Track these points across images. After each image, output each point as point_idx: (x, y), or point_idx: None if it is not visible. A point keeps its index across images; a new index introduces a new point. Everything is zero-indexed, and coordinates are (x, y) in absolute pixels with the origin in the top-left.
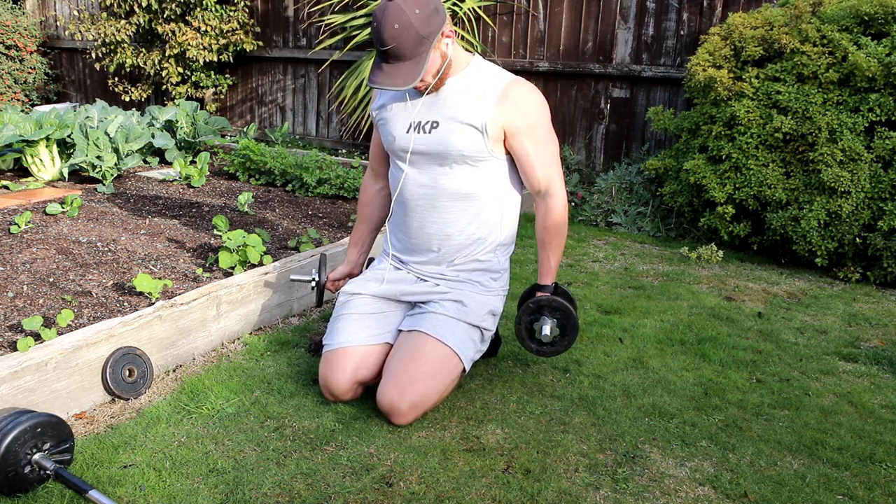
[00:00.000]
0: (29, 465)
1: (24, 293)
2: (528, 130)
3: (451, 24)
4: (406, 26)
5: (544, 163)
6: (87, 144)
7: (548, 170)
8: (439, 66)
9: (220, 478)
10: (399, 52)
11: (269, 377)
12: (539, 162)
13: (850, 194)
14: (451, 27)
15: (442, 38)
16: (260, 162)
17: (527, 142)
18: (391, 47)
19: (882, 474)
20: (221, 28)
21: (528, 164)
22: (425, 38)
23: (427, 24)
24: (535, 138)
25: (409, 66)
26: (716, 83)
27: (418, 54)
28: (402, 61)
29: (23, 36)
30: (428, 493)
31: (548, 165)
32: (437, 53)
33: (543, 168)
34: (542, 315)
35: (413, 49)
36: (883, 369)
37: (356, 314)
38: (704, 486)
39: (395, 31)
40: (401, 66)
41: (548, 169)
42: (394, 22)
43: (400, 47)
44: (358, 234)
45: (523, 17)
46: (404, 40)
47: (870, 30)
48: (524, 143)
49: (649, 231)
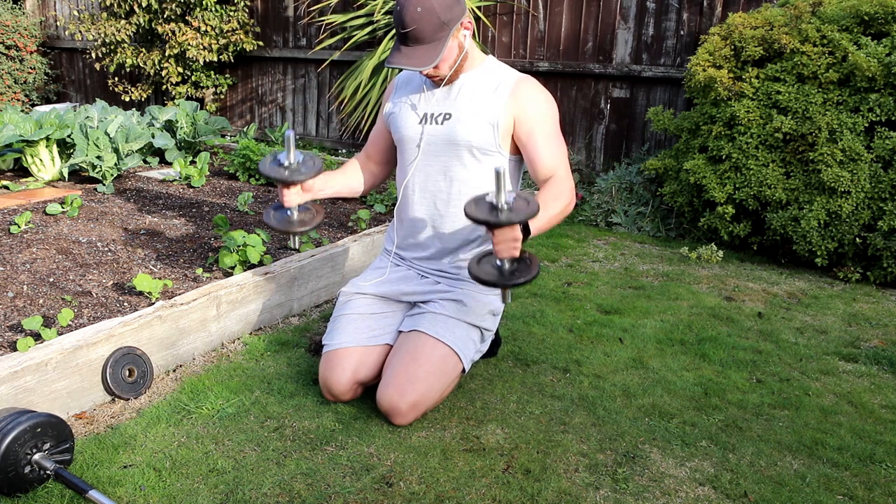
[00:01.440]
0: (29, 465)
1: (24, 293)
2: (537, 119)
3: (470, 17)
4: (428, 10)
5: (551, 153)
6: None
7: (554, 159)
8: (456, 56)
9: (220, 478)
10: (419, 34)
11: (269, 377)
12: (546, 150)
13: (850, 194)
14: (471, 20)
15: (461, 28)
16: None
17: (535, 128)
18: (412, 29)
19: (882, 474)
20: (221, 28)
21: (535, 152)
22: (446, 24)
23: (449, 11)
24: (544, 128)
25: (427, 50)
26: (716, 83)
27: (437, 39)
28: (421, 44)
29: (23, 36)
30: (428, 493)
31: (555, 156)
32: (454, 42)
33: (550, 157)
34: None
35: (433, 33)
36: (883, 369)
37: (356, 314)
38: (704, 486)
39: (418, 13)
40: (419, 48)
41: (554, 159)
42: (417, 5)
43: (420, 30)
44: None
45: (523, 17)
46: (425, 23)
47: (870, 30)
48: (532, 129)
49: (649, 231)
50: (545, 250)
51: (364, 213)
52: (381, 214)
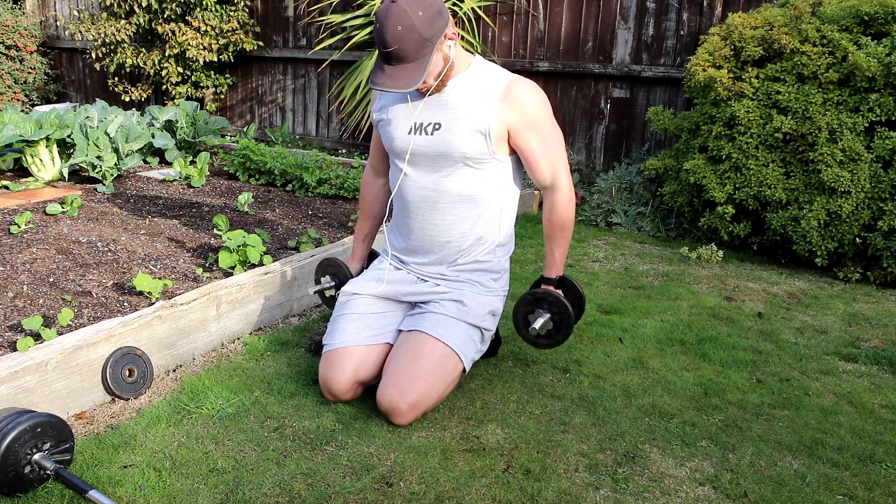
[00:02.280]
0: (29, 465)
1: (24, 293)
2: (532, 126)
3: (453, 27)
4: (409, 29)
5: (549, 157)
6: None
7: (553, 164)
8: (441, 68)
9: (220, 478)
10: (402, 54)
11: (269, 377)
12: (544, 157)
13: (850, 194)
14: (454, 29)
15: (445, 40)
16: (260, 162)
17: (531, 137)
18: (394, 49)
19: (882, 474)
20: (221, 28)
21: (533, 160)
22: (428, 40)
23: (430, 27)
24: (539, 133)
25: (412, 69)
26: (716, 83)
27: (421, 56)
28: (405, 63)
29: (23, 36)
30: (428, 493)
31: (553, 159)
32: (439, 56)
33: (548, 163)
34: (539, 308)
35: (416, 51)
36: (883, 369)
37: (356, 314)
38: (704, 486)
39: (398, 32)
40: (403, 68)
41: (553, 163)
42: (397, 24)
43: (403, 49)
44: (364, 230)
45: (523, 17)
46: (407, 43)
47: (870, 30)
48: (528, 139)
49: (649, 231)
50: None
51: None
52: None
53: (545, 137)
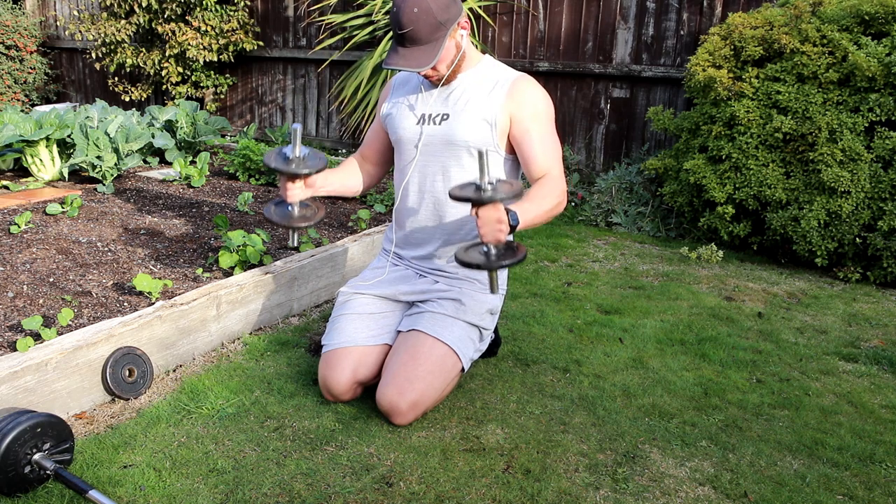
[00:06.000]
0: (29, 465)
1: (24, 293)
2: (533, 117)
3: (466, 17)
4: (425, 10)
5: (545, 152)
6: (87, 144)
7: (548, 159)
8: (453, 56)
9: (220, 478)
10: (416, 35)
11: (269, 377)
12: (540, 149)
13: (850, 194)
14: (467, 20)
15: (458, 27)
16: (260, 162)
17: (530, 127)
18: (409, 30)
19: (882, 474)
20: (221, 28)
21: (530, 151)
22: (442, 24)
23: (445, 11)
24: (539, 125)
25: (425, 50)
26: (716, 83)
27: (434, 39)
28: (419, 45)
29: (23, 36)
30: (428, 493)
31: (549, 156)
32: (452, 42)
33: (544, 156)
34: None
35: (430, 34)
36: (883, 369)
37: (355, 314)
38: (704, 486)
39: (414, 14)
40: (416, 49)
41: (548, 159)
42: (413, 6)
43: (417, 31)
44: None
45: (523, 16)
46: (422, 24)
47: (870, 30)
48: (527, 128)
49: (649, 231)
50: (545, 250)
51: (364, 213)
52: (381, 214)
53: (544, 134)
